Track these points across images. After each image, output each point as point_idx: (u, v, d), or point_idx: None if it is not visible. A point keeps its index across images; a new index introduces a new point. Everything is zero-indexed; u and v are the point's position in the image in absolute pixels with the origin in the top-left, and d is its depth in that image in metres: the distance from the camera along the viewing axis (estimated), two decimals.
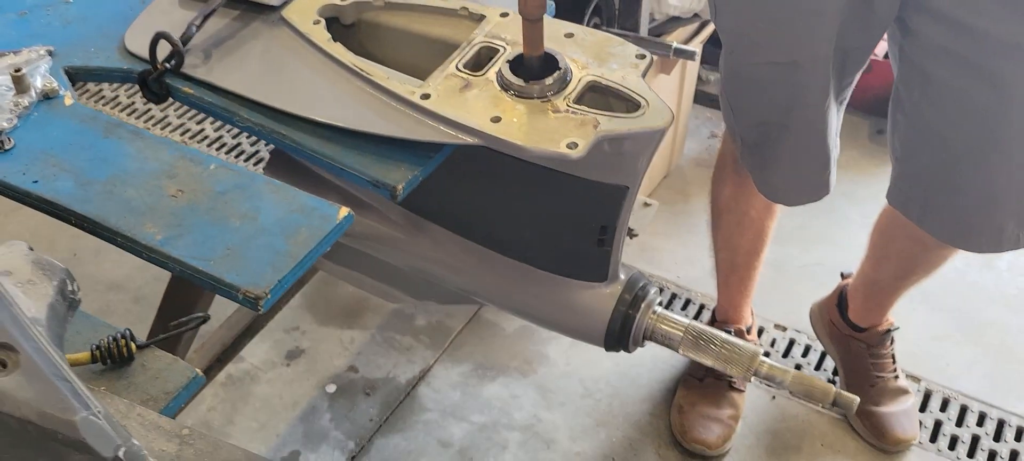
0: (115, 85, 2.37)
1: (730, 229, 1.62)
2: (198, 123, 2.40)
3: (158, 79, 1.13)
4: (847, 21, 1.25)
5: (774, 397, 1.78)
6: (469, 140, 1.04)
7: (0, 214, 1.95)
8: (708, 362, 1.24)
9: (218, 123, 2.38)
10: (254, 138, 2.27)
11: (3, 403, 0.57)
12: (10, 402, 0.57)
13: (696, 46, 2.00)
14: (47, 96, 1.10)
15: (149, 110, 2.41)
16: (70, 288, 0.71)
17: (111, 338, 0.82)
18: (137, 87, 1.16)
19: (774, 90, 1.33)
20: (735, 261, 1.66)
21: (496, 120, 1.05)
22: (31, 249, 0.73)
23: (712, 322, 1.78)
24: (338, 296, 1.98)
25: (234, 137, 2.36)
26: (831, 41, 1.27)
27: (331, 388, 1.82)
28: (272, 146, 1.31)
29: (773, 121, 1.36)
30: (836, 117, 1.39)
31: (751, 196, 1.55)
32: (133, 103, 2.43)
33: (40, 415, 0.58)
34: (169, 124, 2.39)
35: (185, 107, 2.32)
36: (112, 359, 0.82)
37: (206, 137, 2.36)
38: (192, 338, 1.23)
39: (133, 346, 0.83)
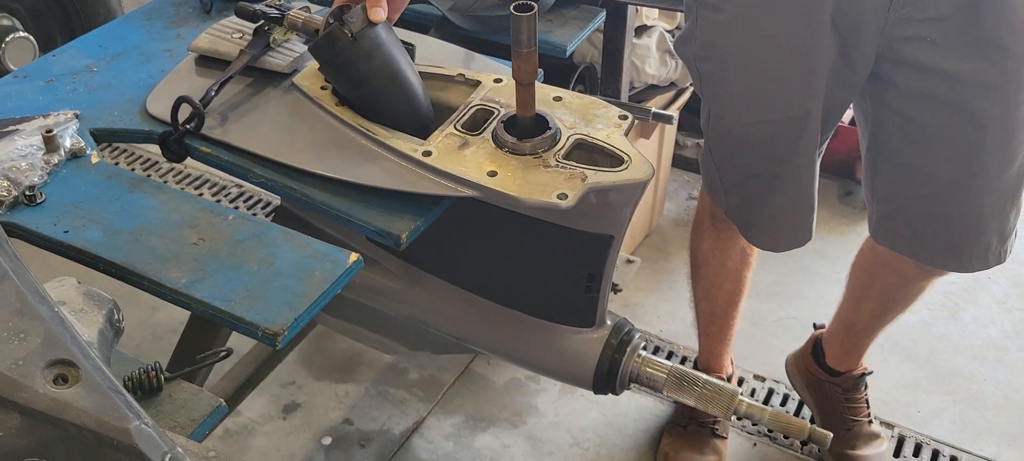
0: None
1: (709, 280, 1.72)
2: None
3: (179, 140, 1.22)
4: (831, 80, 1.37)
5: (755, 444, 1.85)
6: (468, 192, 1.14)
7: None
8: (690, 402, 1.31)
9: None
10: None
11: (65, 412, 0.64)
12: (71, 411, 0.65)
13: (673, 112, 2.13)
14: (75, 155, 1.19)
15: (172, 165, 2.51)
16: (116, 317, 0.79)
17: (142, 370, 0.89)
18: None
19: (767, 145, 1.43)
20: (714, 311, 1.75)
21: (492, 174, 1.14)
22: (79, 283, 0.80)
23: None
24: (333, 351, 2.04)
25: (240, 188, 2.44)
26: (821, 98, 1.38)
27: (327, 440, 1.86)
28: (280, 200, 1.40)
29: (763, 173, 1.46)
30: (817, 168, 1.50)
31: (729, 248, 1.65)
32: (154, 161, 2.52)
33: (98, 423, 0.65)
34: (189, 176, 2.49)
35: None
36: (142, 389, 0.89)
37: (225, 189, 2.45)
38: (209, 371, 1.29)
39: (162, 378, 0.90)
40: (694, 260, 1.74)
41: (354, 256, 1.07)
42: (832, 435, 1.27)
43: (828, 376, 1.78)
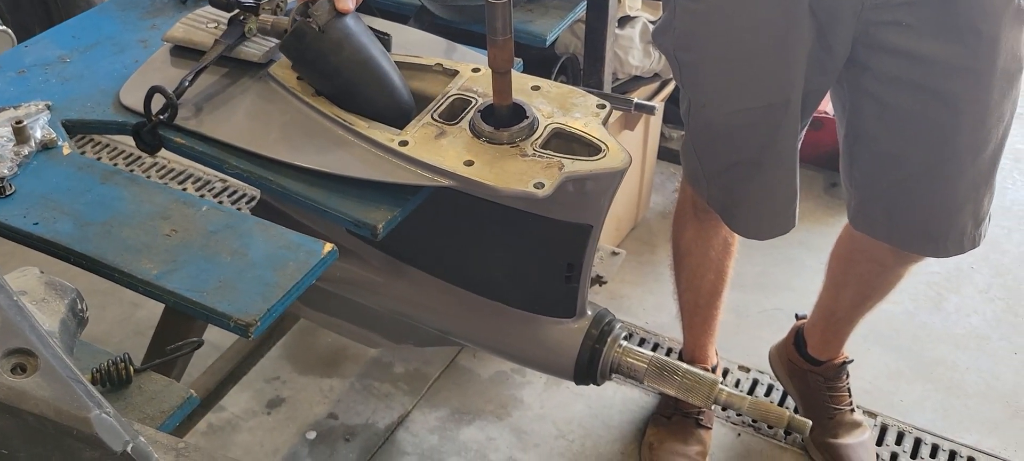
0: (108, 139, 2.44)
1: (692, 270, 1.71)
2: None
3: (152, 131, 1.21)
4: (809, 66, 1.36)
5: (739, 434, 1.85)
6: (444, 182, 1.13)
7: None
8: (671, 392, 1.31)
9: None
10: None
11: (23, 402, 0.63)
12: (30, 401, 0.63)
13: (656, 103, 2.12)
14: (46, 146, 1.18)
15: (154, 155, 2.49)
16: (79, 307, 0.78)
17: (111, 362, 0.88)
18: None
19: (748, 133, 1.42)
20: (698, 301, 1.75)
21: (469, 164, 1.13)
22: (42, 272, 0.79)
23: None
24: (317, 346, 2.03)
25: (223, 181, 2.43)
26: (800, 84, 1.38)
27: (312, 435, 1.85)
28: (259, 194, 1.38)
29: (744, 161, 1.45)
30: (797, 155, 1.48)
31: (711, 238, 1.65)
32: (134, 155, 2.50)
33: (57, 412, 0.63)
34: (171, 171, 2.47)
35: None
36: (111, 381, 0.88)
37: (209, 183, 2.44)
38: (185, 365, 1.28)
39: (131, 369, 0.89)
40: (677, 251, 1.73)
41: (329, 246, 1.06)
42: (811, 423, 1.27)
43: (810, 365, 1.78)
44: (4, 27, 2.21)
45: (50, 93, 1.27)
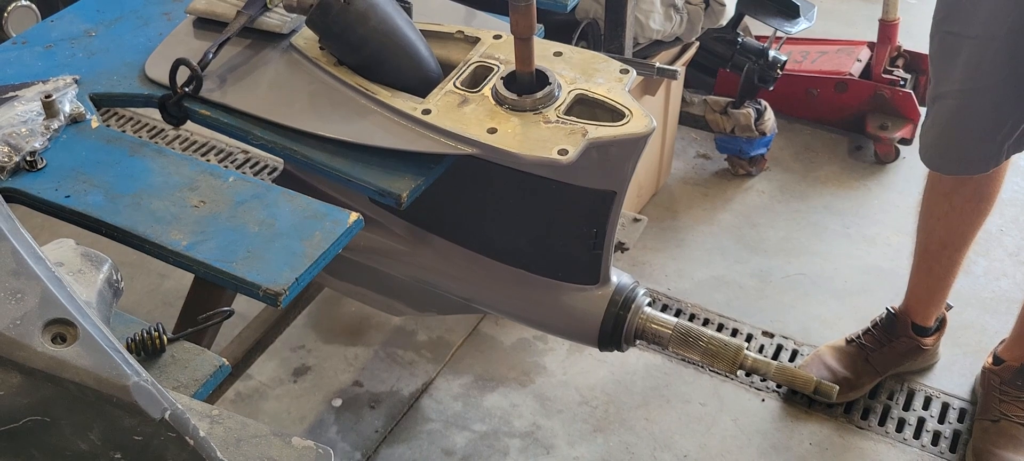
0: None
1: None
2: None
3: (178, 103, 1.22)
4: None
5: (763, 399, 1.86)
6: (468, 150, 1.13)
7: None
8: (696, 358, 1.31)
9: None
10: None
11: (64, 370, 0.65)
12: (70, 370, 0.65)
13: (678, 68, 2.10)
14: (75, 120, 1.19)
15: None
16: (115, 277, 0.79)
17: (144, 331, 0.90)
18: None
19: (961, 60, 1.40)
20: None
21: (492, 131, 1.13)
22: (78, 244, 0.80)
23: (892, 320, 1.82)
24: (342, 315, 2.05)
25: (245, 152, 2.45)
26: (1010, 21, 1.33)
27: (337, 402, 1.88)
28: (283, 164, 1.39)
29: (956, 90, 1.45)
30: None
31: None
32: (158, 127, 2.52)
33: (97, 380, 0.65)
34: (194, 143, 2.49)
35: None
36: (145, 351, 0.90)
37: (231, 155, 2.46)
38: (215, 334, 1.30)
39: (165, 339, 0.90)
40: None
41: (355, 216, 1.06)
42: (838, 388, 1.27)
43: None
44: (29, 2, 2.22)
45: (77, 67, 1.28)
